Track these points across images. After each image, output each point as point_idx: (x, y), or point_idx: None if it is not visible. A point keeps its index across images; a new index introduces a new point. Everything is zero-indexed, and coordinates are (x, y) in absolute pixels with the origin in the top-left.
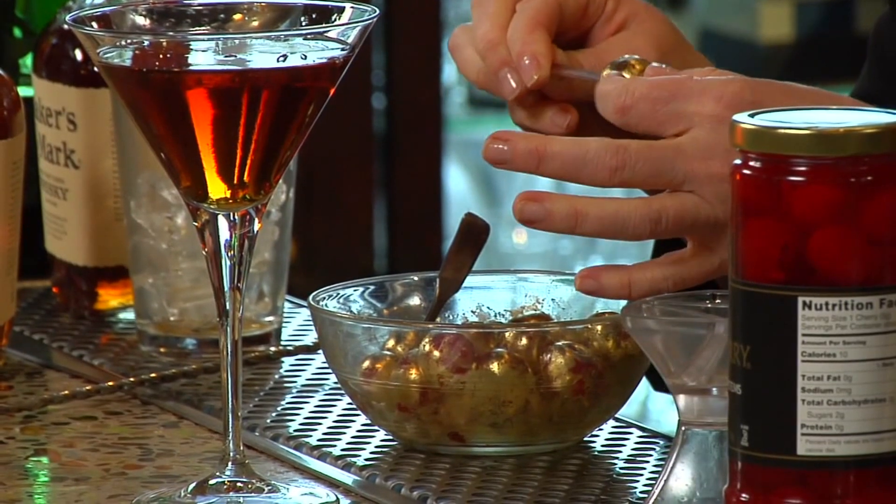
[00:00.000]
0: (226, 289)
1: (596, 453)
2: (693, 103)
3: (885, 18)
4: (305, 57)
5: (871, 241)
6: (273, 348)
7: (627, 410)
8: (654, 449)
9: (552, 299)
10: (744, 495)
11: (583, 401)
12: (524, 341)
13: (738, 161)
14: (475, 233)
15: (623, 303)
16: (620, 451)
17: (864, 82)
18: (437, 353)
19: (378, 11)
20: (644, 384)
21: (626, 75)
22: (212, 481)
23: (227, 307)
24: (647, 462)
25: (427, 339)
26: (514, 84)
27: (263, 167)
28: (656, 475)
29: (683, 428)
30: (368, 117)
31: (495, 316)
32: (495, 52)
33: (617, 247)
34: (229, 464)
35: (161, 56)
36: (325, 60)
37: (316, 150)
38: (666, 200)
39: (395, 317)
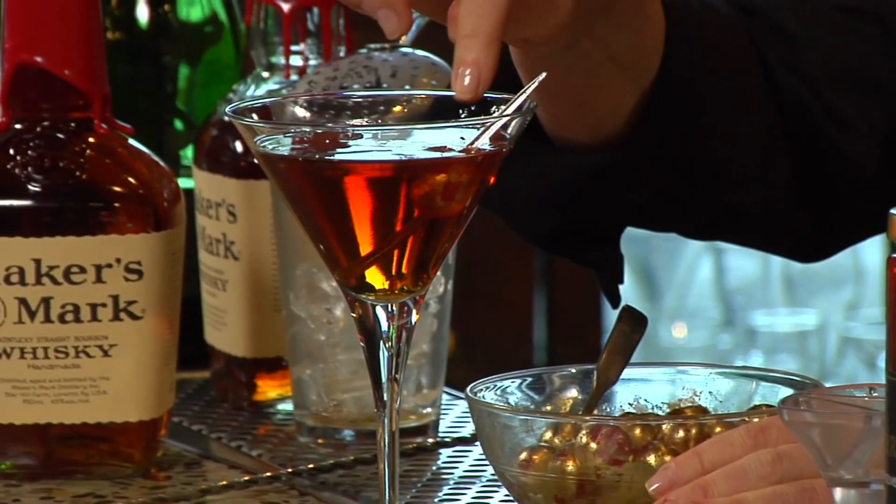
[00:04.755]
0: (383, 380)
1: None
2: None
3: None
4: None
5: None
6: (430, 440)
7: None
8: None
9: (710, 392)
10: None
11: None
12: (681, 434)
13: (893, 254)
14: (633, 325)
15: (780, 396)
16: None
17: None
18: (594, 445)
19: (535, 104)
20: None
21: None
22: None
23: (385, 398)
24: None
25: (584, 431)
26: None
27: (421, 259)
28: None
29: None
30: None
31: (653, 408)
32: None
33: (776, 341)
34: None
35: (320, 146)
36: (484, 152)
37: (475, 243)
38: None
39: (553, 409)
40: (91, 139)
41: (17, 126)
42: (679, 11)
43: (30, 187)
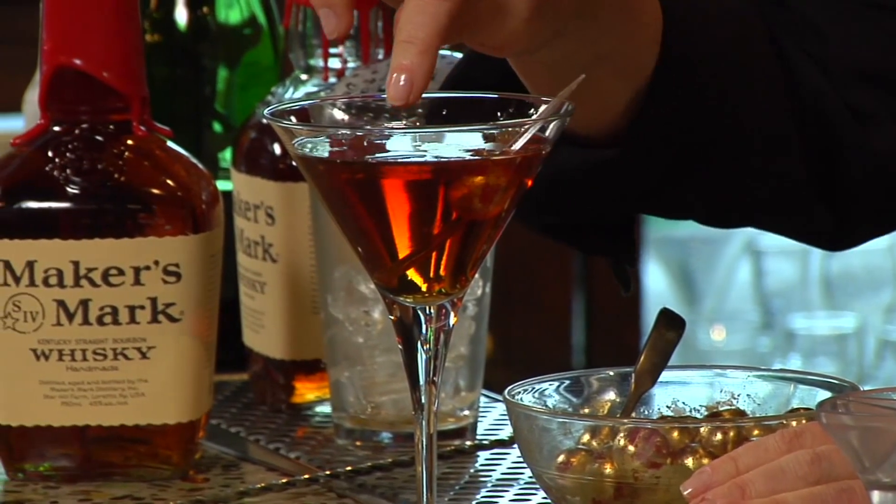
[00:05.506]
0: (421, 383)
1: None
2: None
3: None
4: (503, 151)
5: None
6: (468, 442)
7: None
8: None
9: (748, 395)
10: None
11: None
12: (719, 436)
13: None
14: (671, 328)
15: (818, 399)
16: None
17: None
18: (631, 448)
19: (574, 106)
20: None
21: None
22: None
23: (423, 401)
24: None
25: (622, 434)
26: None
27: (459, 261)
28: None
29: None
30: None
31: (690, 411)
32: None
33: (815, 343)
34: None
35: (358, 149)
36: (522, 154)
37: (514, 245)
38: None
39: (591, 411)
40: (129, 141)
41: (56, 128)
42: (681, 7)
43: (68, 189)
